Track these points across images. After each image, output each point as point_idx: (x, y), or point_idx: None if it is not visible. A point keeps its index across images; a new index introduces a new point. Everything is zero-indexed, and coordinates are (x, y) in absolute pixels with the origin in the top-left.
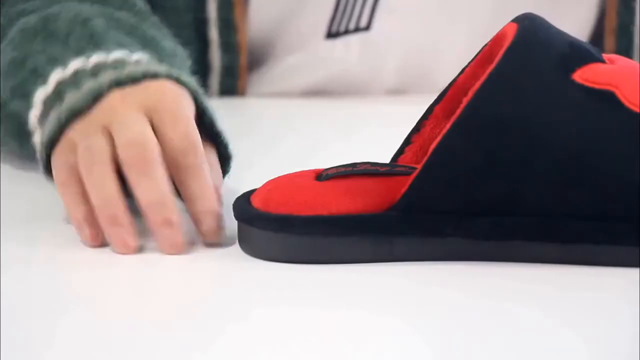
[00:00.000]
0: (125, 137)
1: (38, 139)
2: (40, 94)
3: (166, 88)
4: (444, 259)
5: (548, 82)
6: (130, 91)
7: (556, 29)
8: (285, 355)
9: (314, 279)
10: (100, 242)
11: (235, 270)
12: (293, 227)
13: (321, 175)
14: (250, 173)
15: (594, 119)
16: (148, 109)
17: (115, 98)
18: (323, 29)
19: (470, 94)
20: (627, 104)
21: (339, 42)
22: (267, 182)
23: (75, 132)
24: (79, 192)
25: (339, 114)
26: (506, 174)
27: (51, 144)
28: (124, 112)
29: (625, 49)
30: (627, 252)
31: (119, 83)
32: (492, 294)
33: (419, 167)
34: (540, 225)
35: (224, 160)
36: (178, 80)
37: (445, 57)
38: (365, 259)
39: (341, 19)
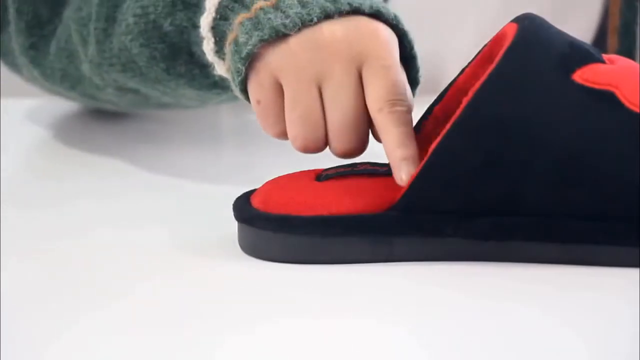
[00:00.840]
0: (336, 113)
1: (210, 45)
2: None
3: (374, 32)
4: (444, 259)
5: (548, 82)
6: (339, 31)
7: (556, 29)
8: (285, 355)
9: (314, 279)
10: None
11: (235, 270)
12: (293, 227)
13: (321, 175)
14: (250, 173)
15: (594, 119)
16: (359, 60)
17: (324, 36)
18: None
19: (470, 94)
20: (627, 104)
21: None
22: (267, 182)
23: (281, 65)
24: (281, 113)
25: None
26: (506, 174)
27: (249, 58)
28: (339, 71)
29: (627, 49)
30: (627, 252)
31: (327, 15)
32: (492, 294)
33: (419, 167)
34: (540, 225)
35: (413, 84)
36: (378, 14)
37: (450, 53)
38: (365, 259)
39: None
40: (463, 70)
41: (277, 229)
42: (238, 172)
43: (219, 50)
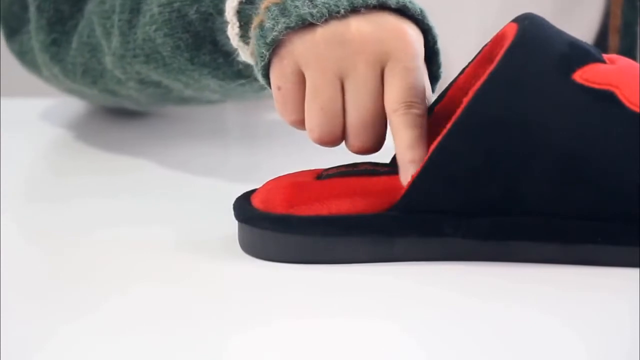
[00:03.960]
0: (356, 109)
1: (235, 30)
2: None
3: (400, 31)
4: (444, 259)
5: (548, 82)
6: (366, 27)
7: (556, 29)
8: (285, 355)
9: (314, 279)
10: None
11: (235, 270)
12: (293, 227)
13: (321, 175)
14: (251, 173)
15: (594, 119)
16: (383, 59)
17: (350, 31)
18: None
19: (470, 94)
20: (627, 104)
21: None
22: (267, 182)
23: (305, 54)
24: (300, 102)
25: None
26: (506, 174)
27: (275, 44)
28: (362, 69)
29: (629, 48)
30: (627, 252)
31: (354, 7)
32: (492, 294)
33: (419, 167)
34: (540, 225)
35: (433, 79)
36: (405, 8)
37: (452, 51)
38: (365, 259)
39: None
40: (463, 70)
41: (277, 229)
42: (238, 172)
43: (244, 35)
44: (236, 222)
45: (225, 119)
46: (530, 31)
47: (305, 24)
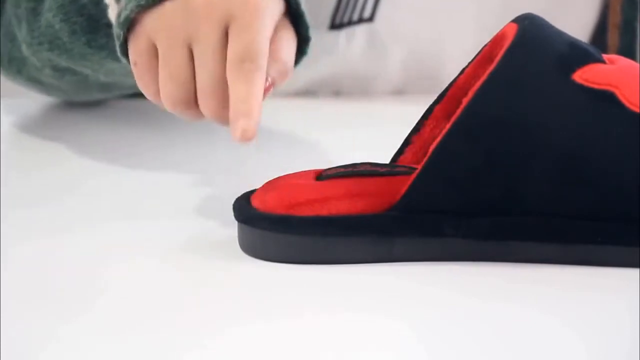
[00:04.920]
0: (202, 72)
1: (114, 12)
2: None
3: None
4: (444, 259)
5: (548, 83)
6: None
7: (556, 29)
8: (285, 355)
9: (314, 279)
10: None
11: (235, 270)
12: (293, 227)
13: (321, 176)
14: (250, 173)
15: (594, 119)
16: (225, 21)
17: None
18: (327, 19)
19: (470, 94)
20: (627, 104)
21: (343, 34)
22: (267, 182)
23: (155, 28)
24: (155, 74)
25: (340, 113)
26: (506, 174)
27: (127, 23)
28: (205, 32)
29: (628, 45)
30: (627, 252)
31: None
32: (492, 294)
33: (419, 167)
34: (540, 225)
35: (303, 41)
36: None
37: (450, 50)
38: (365, 259)
39: (345, 9)
40: (463, 70)
41: (277, 229)
42: (238, 172)
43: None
44: (236, 222)
45: None
46: (530, 31)
47: (156, 1)
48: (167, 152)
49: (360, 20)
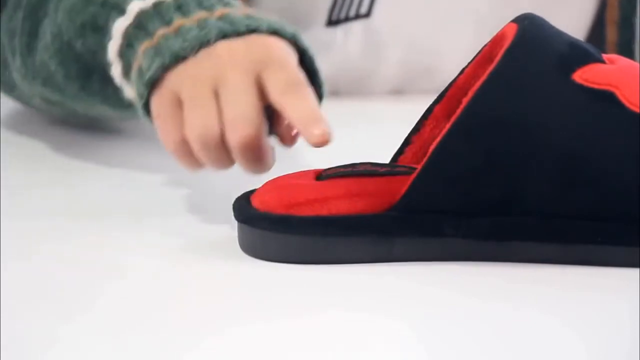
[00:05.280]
0: (229, 106)
1: (118, 70)
2: (120, 25)
3: (271, 43)
4: (444, 259)
5: (548, 83)
6: (235, 43)
7: (556, 29)
8: (285, 355)
9: (314, 279)
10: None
11: (235, 270)
12: (293, 227)
13: (321, 176)
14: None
15: (594, 119)
16: (255, 67)
17: (218, 48)
18: (324, 16)
19: (470, 94)
20: (627, 104)
21: (340, 30)
22: (267, 182)
23: (180, 81)
24: (178, 121)
25: (339, 113)
26: (506, 174)
27: (151, 83)
28: (233, 75)
29: (627, 41)
30: (627, 252)
31: (225, 35)
32: (492, 294)
33: (419, 167)
34: (540, 225)
35: (318, 99)
36: (276, 32)
37: (448, 45)
38: (365, 259)
39: (342, 5)
40: (463, 70)
41: (277, 229)
42: (238, 172)
43: (127, 74)
44: (236, 222)
45: None
46: (530, 31)
47: (179, 59)
48: (167, 153)
49: (357, 16)
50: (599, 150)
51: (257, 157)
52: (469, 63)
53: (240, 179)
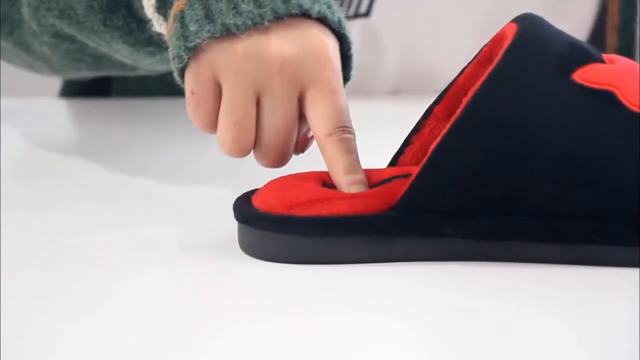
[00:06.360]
0: (268, 127)
1: (152, 1)
2: None
3: (321, 51)
4: (444, 259)
5: (548, 83)
6: (288, 48)
7: (556, 29)
8: (285, 355)
9: (314, 279)
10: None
11: (235, 271)
12: (293, 227)
13: (325, 184)
14: (251, 173)
15: (594, 119)
16: (303, 81)
17: (271, 50)
18: None
19: (470, 94)
20: (627, 104)
21: None
22: (268, 182)
23: (224, 67)
24: (211, 110)
25: None
26: (506, 174)
27: (194, 48)
28: (279, 88)
29: (627, 46)
30: (627, 252)
31: (278, 17)
32: (492, 294)
33: (419, 167)
34: (540, 225)
35: (344, 80)
36: (324, 19)
37: (447, 46)
38: (365, 259)
39: (341, 4)
40: (463, 70)
41: (277, 229)
42: (238, 172)
43: (159, 7)
44: (236, 222)
45: None
46: (530, 31)
47: (230, 34)
48: (167, 153)
49: (357, 15)
50: (599, 150)
51: (277, 166)
52: (469, 63)
53: (240, 179)
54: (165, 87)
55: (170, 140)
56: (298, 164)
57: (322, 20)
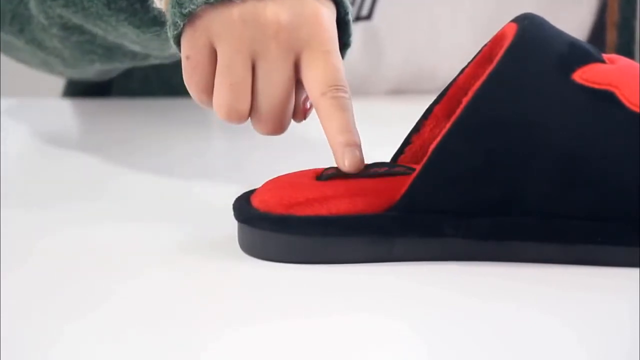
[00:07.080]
0: (265, 91)
1: (160, 4)
2: None
3: (317, 17)
4: (444, 259)
5: (548, 83)
6: (283, 14)
7: (556, 29)
8: (285, 355)
9: (314, 279)
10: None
11: (235, 271)
12: (292, 227)
13: (321, 176)
14: (250, 173)
15: (594, 119)
16: (298, 45)
17: (266, 16)
18: None
19: (470, 94)
20: (627, 104)
21: None
22: (267, 182)
23: (219, 32)
24: (207, 74)
25: None
26: (506, 174)
27: (190, 16)
28: (275, 52)
29: (626, 43)
30: (627, 252)
31: None
32: (492, 294)
33: (419, 167)
34: (540, 225)
35: (342, 46)
36: None
37: (447, 46)
38: (365, 259)
39: None
40: (463, 70)
41: (277, 229)
42: (238, 172)
43: None
44: (236, 222)
45: None
46: (530, 31)
47: (225, 0)
48: (168, 152)
49: (358, 18)
50: (599, 150)
51: (275, 133)
52: (469, 63)
53: (240, 179)
54: (167, 87)
55: (171, 140)
56: (298, 164)
57: None
